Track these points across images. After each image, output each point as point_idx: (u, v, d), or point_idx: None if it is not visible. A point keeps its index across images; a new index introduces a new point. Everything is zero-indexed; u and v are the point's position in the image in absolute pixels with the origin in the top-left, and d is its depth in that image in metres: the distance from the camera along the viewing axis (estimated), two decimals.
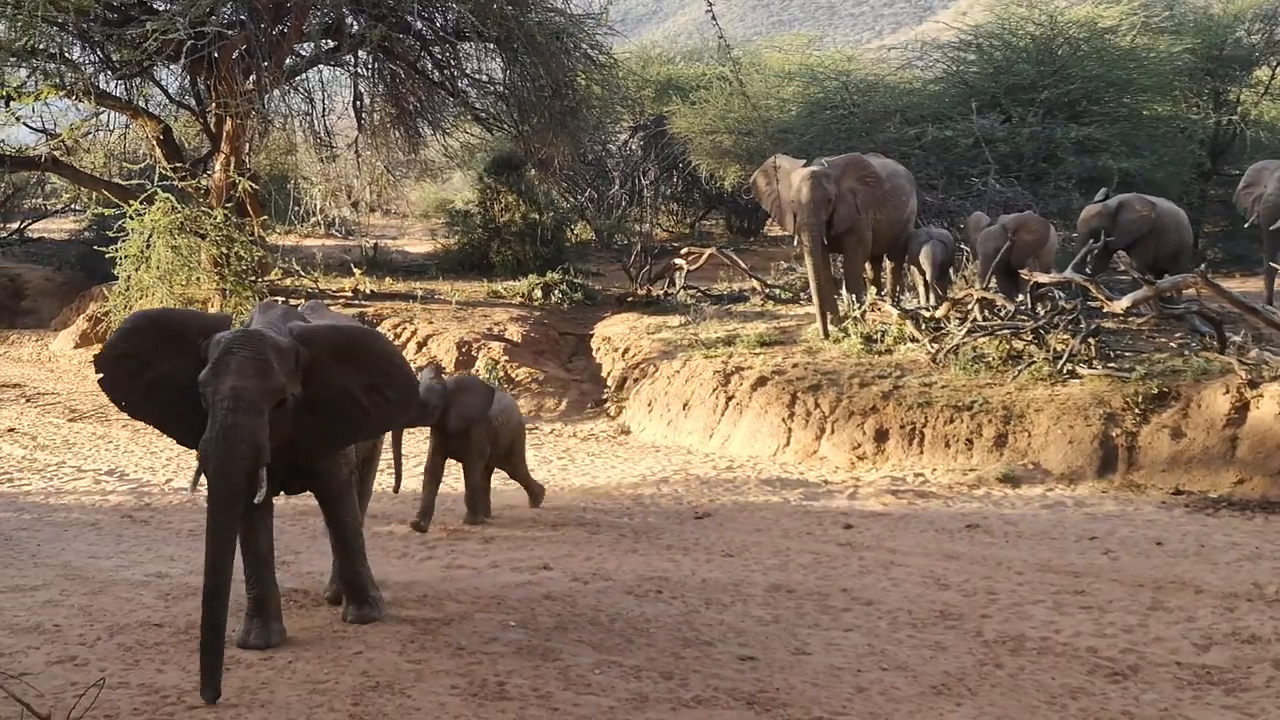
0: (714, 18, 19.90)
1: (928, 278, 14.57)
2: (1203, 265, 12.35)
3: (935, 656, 6.22)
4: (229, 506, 5.62)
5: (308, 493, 6.76)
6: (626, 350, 15.88)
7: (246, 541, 6.17)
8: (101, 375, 6.15)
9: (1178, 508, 9.71)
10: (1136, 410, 10.85)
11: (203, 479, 5.69)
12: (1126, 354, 12.02)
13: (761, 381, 13.17)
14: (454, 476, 10.05)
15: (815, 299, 14.55)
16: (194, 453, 5.78)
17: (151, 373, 6.08)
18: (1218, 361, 11.24)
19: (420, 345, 16.49)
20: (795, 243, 15.33)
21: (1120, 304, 11.97)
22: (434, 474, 9.29)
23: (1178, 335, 12.69)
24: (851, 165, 14.62)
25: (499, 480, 11.63)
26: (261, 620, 6.23)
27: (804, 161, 14.67)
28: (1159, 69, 19.79)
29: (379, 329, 15.66)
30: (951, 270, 14.99)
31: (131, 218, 17.30)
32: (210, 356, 5.76)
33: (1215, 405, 10.52)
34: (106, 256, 17.88)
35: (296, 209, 25.51)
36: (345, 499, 6.65)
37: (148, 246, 17.28)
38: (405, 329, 16.91)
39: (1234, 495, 9.90)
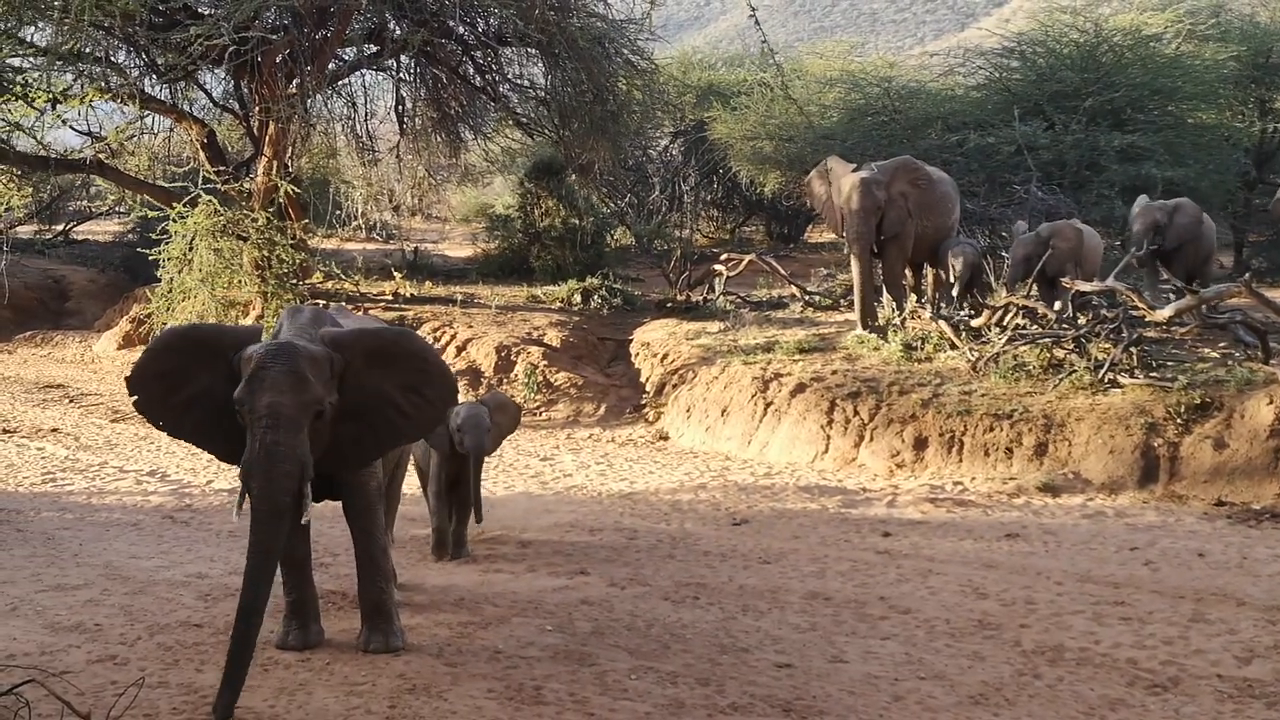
0: (757, 22, 19.90)
1: (956, 284, 14.42)
2: (1247, 274, 12.24)
3: (973, 666, 6.19)
4: (274, 525, 5.51)
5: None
6: (665, 356, 15.85)
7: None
8: (135, 396, 6.08)
9: (1220, 519, 9.62)
10: (1179, 420, 10.75)
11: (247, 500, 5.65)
12: (1169, 363, 11.91)
13: (800, 388, 13.12)
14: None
15: (858, 305, 14.50)
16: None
17: (186, 390, 6.01)
18: (1262, 372, 11.13)
19: (460, 349, 16.52)
20: (846, 250, 15.24)
21: (1163, 313, 11.88)
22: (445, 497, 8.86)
23: (1221, 345, 12.57)
24: (902, 169, 14.55)
25: (537, 486, 11.66)
26: (300, 622, 6.25)
27: (854, 166, 14.60)
28: (1204, 77, 19.61)
29: (417, 332, 15.73)
30: (982, 278, 14.88)
31: (175, 220, 17.43)
32: (244, 372, 5.66)
33: (1259, 416, 10.41)
34: (150, 259, 18.02)
35: (338, 212, 25.64)
36: (374, 513, 6.45)
37: (190, 249, 17.40)
38: (445, 333, 16.95)
39: (1277, 507, 9.76)
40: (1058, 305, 13.07)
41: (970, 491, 10.85)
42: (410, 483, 8.88)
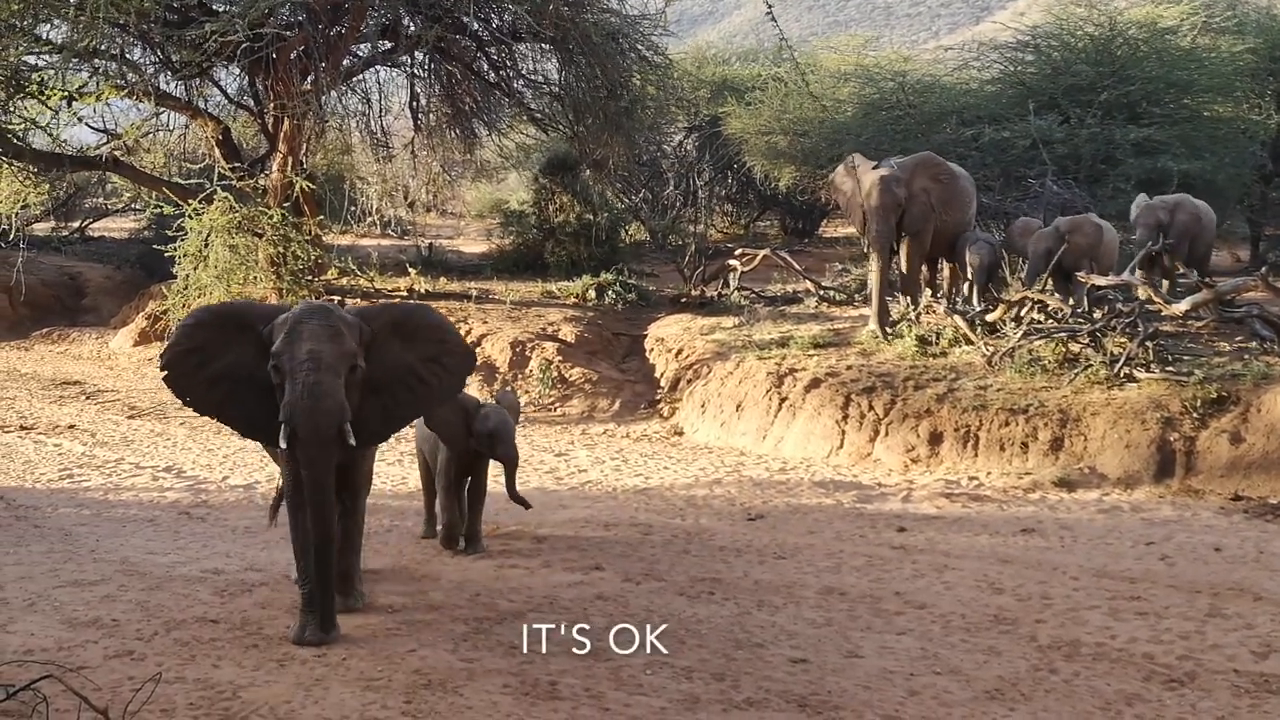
0: (773, 17, 19.86)
1: (973, 280, 14.43)
2: (1264, 268, 12.20)
3: (989, 661, 6.18)
4: (324, 458, 5.86)
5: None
6: (680, 351, 15.85)
7: (298, 537, 6.24)
8: (166, 371, 6.28)
9: (1236, 513, 9.59)
10: (1195, 414, 10.72)
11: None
12: (1185, 358, 11.87)
13: (815, 383, 13.11)
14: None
15: (874, 301, 14.44)
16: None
17: (215, 366, 6.25)
18: (1278, 365, 11.10)
19: (475, 345, 16.53)
20: (866, 247, 15.16)
21: (1179, 307, 11.86)
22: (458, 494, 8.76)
23: (1237, 339, 12.53)
24: (922, 164, 14.50)
25: (551, 481, 11.66)
26: (315, 617, 6.28)
27: (874, 164, 14.55)
28: (1220, 69, 19.50)
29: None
30: (998, 273, 14.85)
31: (190, 217, 17.46)
32: (281, 331, 5.96)
33: (1276, 410, 10.38)
34: (165, 255, 18.05)
35: (353, 209, 25.64)
36: (364, 493, 6.97)
37: (206, 245, 17.44)
38: (460, 328, 16.94)
39: None
40: (1073, 299, 13.05)
41: (986, 486, 10.83)
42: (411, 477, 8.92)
